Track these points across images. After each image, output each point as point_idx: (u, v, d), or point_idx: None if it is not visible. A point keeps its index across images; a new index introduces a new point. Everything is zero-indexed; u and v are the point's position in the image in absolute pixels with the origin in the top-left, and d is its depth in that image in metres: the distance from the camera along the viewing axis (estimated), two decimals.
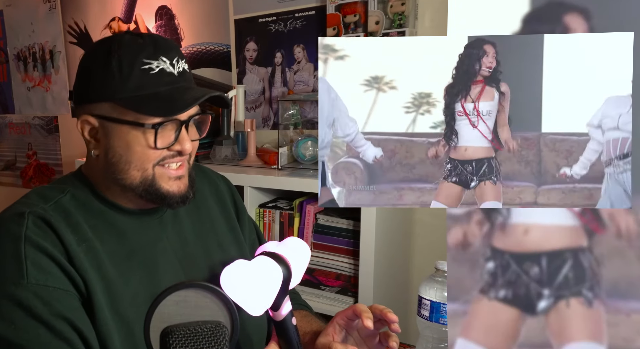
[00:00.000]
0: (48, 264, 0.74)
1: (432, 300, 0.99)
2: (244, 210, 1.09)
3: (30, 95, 2.95)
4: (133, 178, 0.82)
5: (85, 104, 0.83)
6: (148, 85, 0.79)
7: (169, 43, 0.83)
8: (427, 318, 0.99)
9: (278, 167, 1.72)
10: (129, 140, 0.80)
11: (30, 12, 2.83)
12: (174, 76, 0.81)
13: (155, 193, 0.83)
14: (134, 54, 0.78)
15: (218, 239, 0.98)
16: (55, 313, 0.72)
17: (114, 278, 0.80)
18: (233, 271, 0.70)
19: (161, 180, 0.83)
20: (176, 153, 0.83)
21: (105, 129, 0.81)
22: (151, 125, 0.79)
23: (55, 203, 0.81)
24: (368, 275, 1.54)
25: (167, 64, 0.80)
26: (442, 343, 0.99)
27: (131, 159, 0.81)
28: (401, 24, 1.73)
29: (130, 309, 0.80)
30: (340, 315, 0.83)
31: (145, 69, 0.78)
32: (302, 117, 1.92)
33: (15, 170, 3.12)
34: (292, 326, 0.78)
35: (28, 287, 0.71)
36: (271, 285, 0.73)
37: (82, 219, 0.82)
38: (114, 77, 0.78)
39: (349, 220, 1.61)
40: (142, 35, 0.82)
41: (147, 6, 2.42)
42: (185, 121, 0.82)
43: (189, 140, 0.83)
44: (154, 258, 0.87)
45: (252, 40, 2.14)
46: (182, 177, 0.86)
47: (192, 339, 0.53)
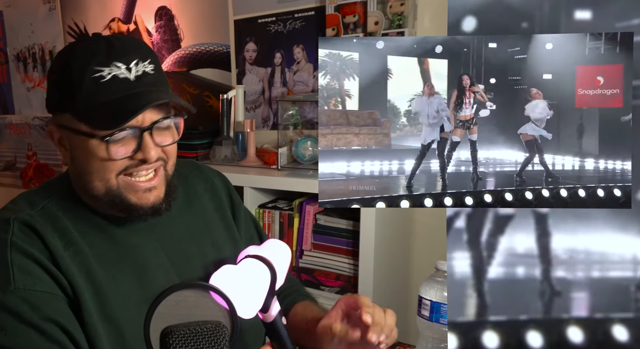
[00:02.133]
0: (35, 269, 0.74)
1: (432, 300, 0.99)
2: (240, 206, 1.06)
3: (30, 96, 2.95)
4: (97, 189, 0.79)
5: (52, 113, 0.82)
6: (99, 95, 0.75)
7: (127, 44, 0.78)
8: (427, 318, 0.99)
9: (278, 167, 1.72)
10: (89, 151, 0.77)
11: (30, 12, 2.84)
12: (129, 82, 0.76)
13: (122, 204, 0.80)
14: (84, 63, 0.75)
15: (212, 237, 0.96)
16: (45, 316, 0.72)
17: (103, 281, 0.79)
18: (221, 277, 0.70)
19: (127, 191, 0.79)
20: (139, 162, 0.78)
21: (69, 139, 0.80)
22: (101, 137, 0.75)
23: (41, 209, 0.81)
24: (368, 275, 1.54)
25: (122, 69, 0.76)
26: (442, 343, 0.99)
27: (91, 170, 0.78)
28: (400, 25, 1.73)
29: (121, 312, 0.79)
30: (345, 301, 0.83)
31: (96, 77, 0.75)
32: (302, 118, 1.92)
33: (15, 170, 3.12)
34: (282, 326, 0.78)
35: (16, 292, 0.71)
36: (260, 286, 0.73)
37: (70, 223, 0.81)
38: (66, 87, 0.76)
39: (349, 220, 1.61)
40: (97, 39, 0.78)
41: (146, 7, 2.42)
42: (147, 128, 0.77)
43: (154, 148, 0.78)
44: (144, 259, 0.86)
45: (251, 41, 2.14)
46: (153, 189, 0.81)
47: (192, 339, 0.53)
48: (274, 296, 0.76)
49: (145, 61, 0.78)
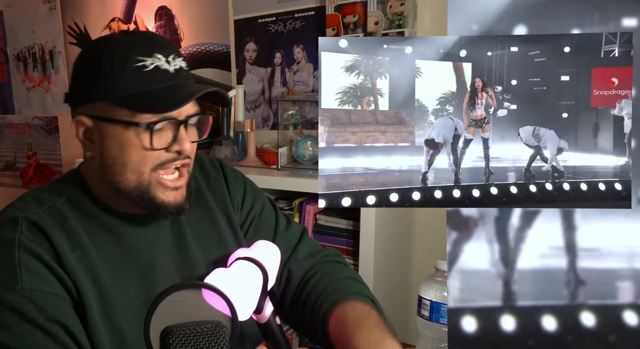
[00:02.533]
0: (41, 269, 0.74)
1: (432, 300, 0.99)
2: (235, 187, 1.01)
3: (30, 96, 2.95)
4: (128, 181, 0.79)
5: (80, 105, 0.81)
6: (142, 83, 0.76)
7: (164, 40, 0.81)
8: (427, 318, 0.99)
9: (278, 167, 1.72)
10: (124, 141, 0.77)
11: (30, 12, 2.84)
12: (169, 73, 0.78)
13: (149, 201, 0.80)
14: (126, 52, 0.76)
15: (220, 236, 0.96)
16: (50, 318, 0.72)
17: (108, 284, 0.79)
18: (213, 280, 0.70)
19: (157, 189, 0.80)
20: (175, 155, 0.80)
21: (100, 130, 0.79)
22: (146, 124, 0.76)
23: (49, 208, 0.80)
24: (368, 275, 1.54)
25: (162, 61, 0.78)
26: (442, 343, 0.99)
27: (126, 161, 0.78)
28: (400, 24, 1.73)
29: (123, 316, 0.79)
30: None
31: (139, 67, 0.76)
32: (302, 117, 1.92)
33: (15, 170, 3.12)
34: (276, 326, 0.78)
35: (22, 293, 0.71)
36: (253, 288, 0.73)
37: (78, 223, 0.81)
38: (106, 75, 0.76)
39: (349, 220, 1.61)
40: (135, 33, 0.80)
41: (146, 6, 2.42)
42: (183, 121, 0.79)
43: (188, 140, 0.80)
44: (151, 262, 0.85)
45: (251, 41, 2.14)
46: (179, 188, 0.83)
47: (192, 339, 0.53)
48: (266, 296, 0.76)
49: (179, 58, 0.81)
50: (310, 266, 0.97)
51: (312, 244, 1.02)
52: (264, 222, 1.01)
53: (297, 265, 0.96)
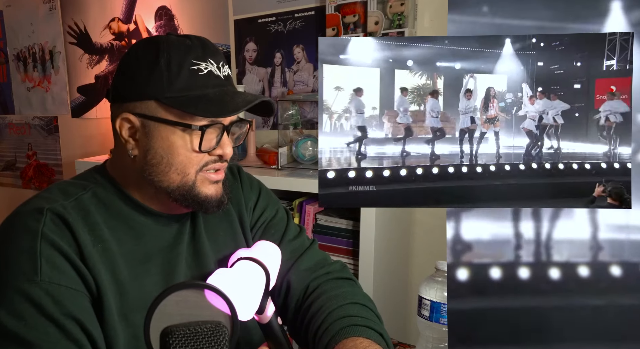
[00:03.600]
0: (62, 263, 0.74)
1: (432, 300, 0.99)
2: (250, 192, 1.01)
3: (30, 96, 2.95)
4: (172, 181, 0.80)
5: (127, 102, 0.80)
6: (196, 86, 0.78)
7: (214, 46, 0.83)
8: (427, 318, 0.99)
9: (278, 167, 1.72)
10: (173, 141, 0.79)
11: (30, 12, 2.84)
12: (221, 79, 0.81)
13: (193, 198, 0.82)
14: (183, 54, 0.77)
15: (234, 238, 0.96)
16: (66, 312, 0.71)
17: (127, 281, 0.80)
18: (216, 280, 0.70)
19: (202, 185, 0.82)
20: (217, 159, 0.82)
21: (147, 129, 0.79)
22: (198, 126, 0.77)
23: (75, 200, 0.80)
24: (368, 275, 1.54)
25: (214, 67, 0.80)
26: (442, 343, 0.99)
27: (173, 162, 0.79)
28: (400, 24, 1.73)
29: (139, 314, 0.79)
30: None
31: (194, 70, 0.77)
32: (302, 117, 1.92)
33: (15, 170, 3.12)
34: (278, 326, 0.78)
35: (41, 284, 0.71)
36: (256, 287, 0.73)
37: (101, 219, 0.81)
38: (161, 75, 0.77)
39: (349, 220, 1.62)
40: (189, 37, 0.81)
41: (146, 6, 2.42)
42: (228, 126, 0.82)
43: (230, 145, 0.83)
44: (171, 261, 0.86)
45: (251, 41, 2.15)
46: (219, 182, 0.85)
47: (192, 339, 0.53)
48: (268, 297, 0.76)
49: (227, 65, 0.83)
50: (310, 279, 0.94)
51: (318, 257, 0.98)
52: (272, 228, 1.00)
53: (298, 276, 0.94)
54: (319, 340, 0.82)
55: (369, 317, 0.85)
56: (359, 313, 0.85)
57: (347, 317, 0.83)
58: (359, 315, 0.84)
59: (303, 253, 0.97)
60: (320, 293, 0.91)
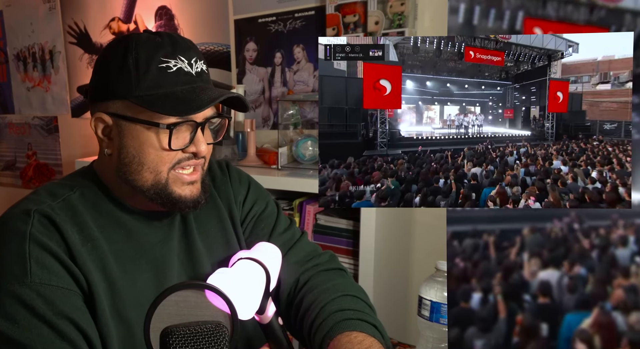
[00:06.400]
0: (52, 263, 0.74)
1: (432, 300, 0.99)
2: (239, 186, 1.02)
3: (30, 96, 2.95)
4: (145, 180, 0.80)
5: (100, 102, 0.81)
6: (165, 84, 0.77)
7: (187, 43, 0.82)
8: (428, 318, 0.99)
9: (278, 167, 1.72)
10: (143, 140, 0.79)
11: (30, 12, 2.84)
12: (192, 76, 0.80)
13: (167, 197, 0.81)
14: (151, 52, 0.77)
15: (225, 233, 0.96)
16: (59, 312, 0.71)
17: (119, 278, 0.80)
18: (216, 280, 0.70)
19: (174, 185, 0.82)
20: (191, 156, 0.82)
21: (119, 128, 0.80)
22: (166, 125, 0.77)
23: (63, 201, 0.81)
24: (368, 275, 1.54)
25: (185, 64, 0.79)
26: (442, 343, 0.99)
27: (144, 160, 0.79)
28: (400, 24, 1.73)
29: (133, 310, 0.80)
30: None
31: (163, 68, 0.77)
32: (302, 117, 1.92)
33: (15, 170, 3.12)
34: (278, 326, 0.78)
35: (31, 286, 0.71)
36: (256, 286, 0.73)
37: (90, 218, 0.81)
38: (130, 74, 0.77)
39: (349, 220, 1.61)
40: (160, 34, 0.81)
41: (146, 6, 2.42)
42: (201, 123, 0.81)
43: (204, 142, 0.82)
44: (163, 258, 0.86)
45: (251, 41, 2.14)
46: (195, 182, 0.84)
47: (192, 339, 0.53)
48: (269, 297, 0.76)
49: (201, 61, 0.82)
50: (300, 272, 0.94)
51: (307, 248, 0.99)
52: (262, 222, 1.01)
53: (287, 269, 0.94)
54: (313, 335, 0.83)
55: (361, 309, 0.85)
56: (351, 305, 0.85)
57: (340, 311, 0.83)
58: (352, 308, 0.84)
59: (293, 246, 0.97)
60: (312, 286, 0.91)
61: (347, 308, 0.84)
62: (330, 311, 0.84)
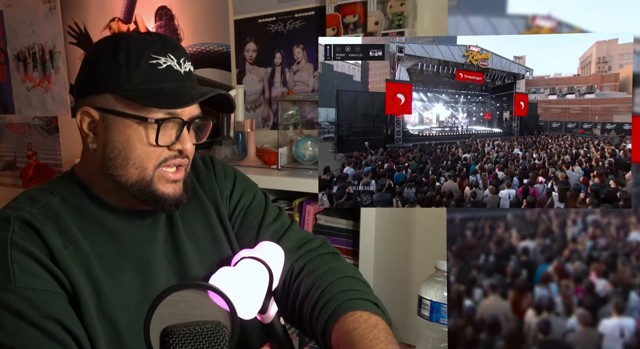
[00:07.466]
0: (34, 267, 0.74)
1: (432, 300, 0.99)
2: (224, 180, 1.02)
3: (30, 96, 2.95)
4: (129, 175, 0.81)
5: (87, 96, 0.81)
6: (154, 80, 0.78)
7: (176, 43, 0.84)
8: (427, 318, 0.99)
9: (278, 167, 1.72)
10: (130, 134, 0.79)
11: (30, 12, 2.84)
12: (180, 74, 0.81)
13: (150, 195, 0.82)
14: (142, 48, 0.78)
15: (211, 229, 0.96)
16: (45, 314, 0.71)
17: (103, 279, 0.80)
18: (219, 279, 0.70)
19: (158, 182, 0.82)
20: (177, 154, 0.82)
21: (106, 122, 0.80)
22: (154, 119, 0.78)
23: (43, 206, 0.81)
24: (368, 275, 1.54)
25: (174, 62, 0.80)
26: (442, 343, 0.99)
27: (130, 155, 0.80)
28: (400, 24, 1.73)
29: (119, 310, 0.79)
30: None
31: (153, 64, 0.78)
32: (302, 117, 1.92)
33: (15, 170, 3.12)
34: (280, 326, 0.78)
35: (16, 291, 0.71)
36: (259, 286, 0.73)
37: (72, 221, 0.81)
38: (120, 69, 0.77)
39: (349, 220, 1.61)
40: (151, 33, 0.82)
41: (146, 6, 2.42)
42: (187, 121, 0.82)
43: (190, 141, 0.83)
44: (147, 257, 0.86)
45: (251, 41, 2.15)
46: (178, 181, 0.85)
47: (192, 339, 0.53)
48: (271, 297, 0.76)
49: (189, 62, 0.84)
50: (293, 260, 0.94)
51: (298, 235, 0.98)
52: (251, 214, 1.00)
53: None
54: (316, 319, 0.83)
55: (361, 288, 0.87)
56: (351, 286, 0.86)
57: (342, 292, 0.84)
58: (353, 288, 0.85)
59: (283, 235, 0.97)
60: (308, 272, 0.91)
61: (348, 288, 0.85)
62: (331, 293, 0.84)
